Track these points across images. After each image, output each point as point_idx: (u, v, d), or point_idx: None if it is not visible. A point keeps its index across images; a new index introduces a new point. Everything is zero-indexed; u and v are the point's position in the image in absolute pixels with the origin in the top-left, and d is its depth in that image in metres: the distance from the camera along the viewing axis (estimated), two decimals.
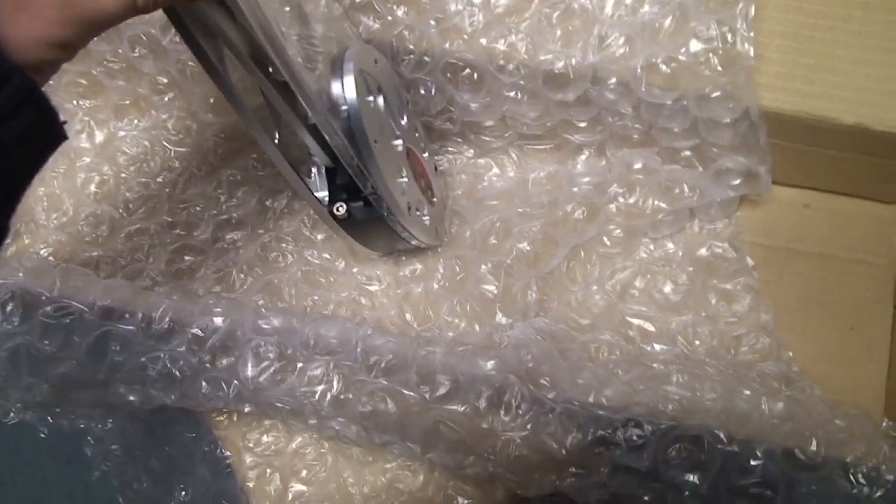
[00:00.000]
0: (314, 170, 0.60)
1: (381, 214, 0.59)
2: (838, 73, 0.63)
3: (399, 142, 0.63)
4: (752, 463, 0.55)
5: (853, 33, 0.63)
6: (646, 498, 0.59)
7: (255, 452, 0.68)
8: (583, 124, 0.70)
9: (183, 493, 0.69)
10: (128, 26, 0.73)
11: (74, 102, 0.81)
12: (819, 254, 0.70)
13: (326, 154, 0.57)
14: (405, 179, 0.62)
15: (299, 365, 0.61)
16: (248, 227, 0.76)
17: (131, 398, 0.63)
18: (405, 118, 0.66)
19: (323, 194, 0.59)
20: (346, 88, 0.55)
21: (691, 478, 0.57)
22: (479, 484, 0.65)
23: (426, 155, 0.70)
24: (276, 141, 0.56)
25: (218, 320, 0.62)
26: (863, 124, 0.62)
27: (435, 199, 0.70)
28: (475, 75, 0.67)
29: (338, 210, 0.59)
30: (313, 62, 0.54)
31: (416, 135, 0.69)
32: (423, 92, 0.69)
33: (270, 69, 0.51)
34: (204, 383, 0.61)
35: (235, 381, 0.61)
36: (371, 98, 0.59)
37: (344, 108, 0.55)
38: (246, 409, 0.63)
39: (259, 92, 0.54)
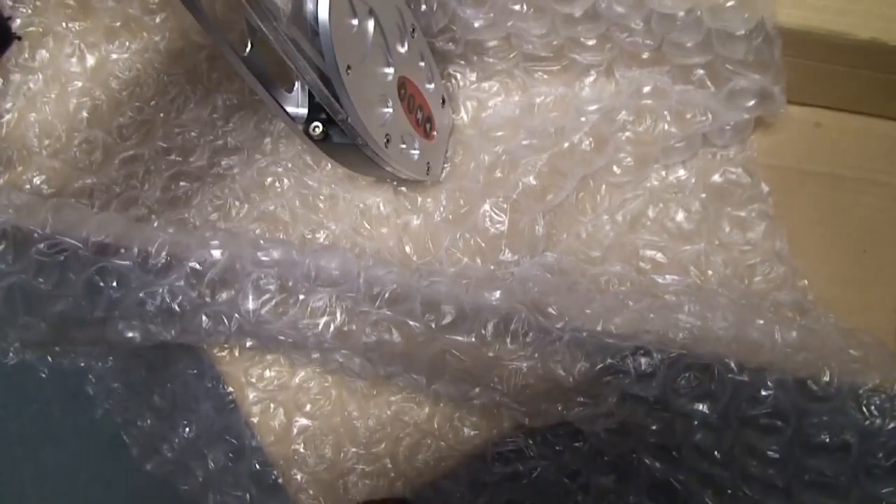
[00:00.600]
0: (297, 84, 0.56)
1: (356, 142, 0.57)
2: None
3: (389, 70, 0.60)
4: (763, 393, 0.55)
5: None
6: (654, 427, 0.58)
7: (258, 388, 0.68)
8: (591, 42, 0.68)
9: (187, 429, 0.69)
10: None
11: (64, 25, 0.78)
12: (831, 174, 0.68)
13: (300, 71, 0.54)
14: (389, 110, 0.59)
15: (301, 297, 0.60)
16: (245, 153, 0.74)
17: (130, 335, 0.62)
18: (405, 46, 0.63)
19: (302, 111, 0.56)
20: (319, 7, 0.51)
21: (700, 407, 0.56)
22: (485, 415, 0.65)
23: (432, 86, 0.68)
24: (247, 52, 0.52)
25: (216, 253, 0.60)
26: (878, 39, 0.60)
27: (434, 134, 0.67)
28: None
29: (314, 130, 0.56)
30: None
31: (421, 64, 0.66)
32: (424, 8, 0.67)
33: None
34: (204, 318, 0.60)
35: (236, 315, 0.60)
36: (355, 21, 0.55)
37: (316, 28, 0.52)
38: (248, 344, 0.62)
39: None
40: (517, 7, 0.65)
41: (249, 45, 0.53)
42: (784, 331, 0.56)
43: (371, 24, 0.57)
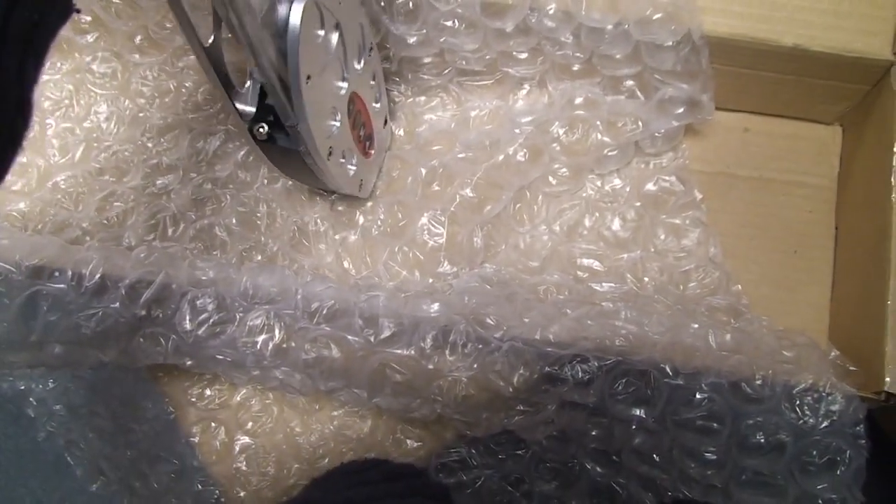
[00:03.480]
0: (249, 83, 0.56)
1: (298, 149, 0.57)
2: None
3: (343, 84, 0.60)
4: (699, 396, 0.56)
5: None
6: (594, 433, 0.59)
7: (199, 407, 0.67)
8: (523, 56, 0.69)
9: (129, 450, 0.68)
10: None
11: None
12: (760, 178, 0.70)
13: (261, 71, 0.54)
14: (336, 124, 0.60)
15: (239, 315, 0.59)
16: (180, 171, 0.73)
17: (68, 358, 0.62)
18: (361, 63, 0.63)
19: (250, 109, 0.56)
20: (292, 13, 0.52)
21: (638, 412, 0.57)
22: (428, 426, 0.65)
23: (378, 105, 0.68)
24: (210, 42, 0.52)
25: (151, 273, 0.60)
26: (801, 45, 0.62)
27: (372, 152, 0.68)
28: (410, 4, 0.65)
29: (259, 130, 0.56)
30: None
31: (372, 83, 0.67)
32: None
33: None
34: (141, 339, 0.60)
35: (173, 336, 0.59)
36: (321, 32, 0.55)
37: (285, 33, 0.52)
38: (187, 363, 0.62)
39: None
40: (449, 23, 0.66)
41: (213, 36, 0.52)
42: (718, 334, 0.57)
43: (335, 37, 0.58)
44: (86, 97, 0.77)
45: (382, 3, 0.66)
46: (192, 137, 0.74)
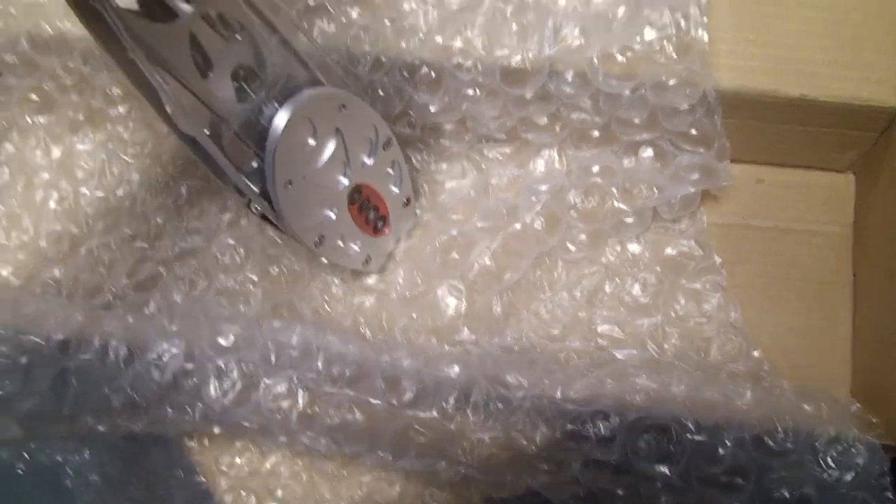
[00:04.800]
0: (254, 163, 0.58)
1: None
2: (780, 46, 0.63)
3: (344, 180, 0.62)
4: (721, 451, 0.55)
5: (793, 5, 0.63)
6: (619, 492, 0.58)
7: (229, 475, 0.68)
8: (542, 122, 0.70)
9: None
10: (78, 39, 0.72)
11: (28, 119, 0.80)
12: (776, 227, 0.70)
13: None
14: (332, 215, 0.62)
15: (263, 382, 0.61)
16: (208, 233, 0.75)
17: (100, 429, 0.63)
18: (373, 158, 0.65)
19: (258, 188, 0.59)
20: (273, 126, 0.55)
21: (662, 468, 0.56)
22: (454, 489, 0.65)
23: (397, 190, 0.69)
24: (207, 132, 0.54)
25: (174, 342, 0.61)
26: (808, 96, 0.62)
27: (387, 230, 0.69)
28: (433, 74, 0.67)
29: (255, 208, 0.59)
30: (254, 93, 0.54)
31: (390, 170, 0.67)
32: (381, 93, 0.68)
33: None
34: (169, 409, 0.61)
35: (200, 404, 0.61)
36: (312, 142, 0.58)
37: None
38: (215, 431, 0.63)
39: None
40: (470, 91, 0.67)
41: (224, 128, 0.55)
42: (738, 392, 0.58)
43: (333, 143, 0.60)
44: (118, 166, 0.79)
45: (406, 74, 0.67)
46: (221, 204, 0.76)
